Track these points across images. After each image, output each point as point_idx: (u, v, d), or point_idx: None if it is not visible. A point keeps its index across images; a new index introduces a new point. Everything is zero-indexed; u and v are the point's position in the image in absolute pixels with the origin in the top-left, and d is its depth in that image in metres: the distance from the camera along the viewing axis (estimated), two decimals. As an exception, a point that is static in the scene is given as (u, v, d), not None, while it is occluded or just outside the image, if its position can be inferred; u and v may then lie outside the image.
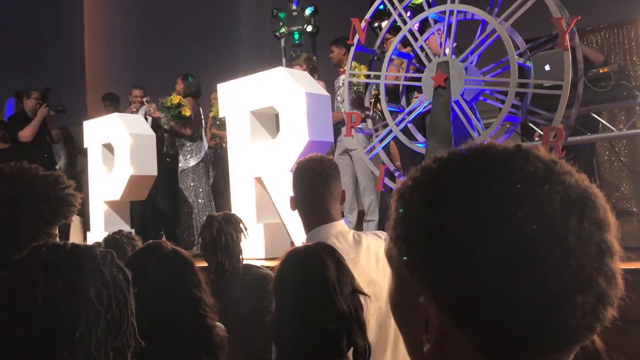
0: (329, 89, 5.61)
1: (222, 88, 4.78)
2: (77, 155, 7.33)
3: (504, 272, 0.56)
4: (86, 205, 5.94)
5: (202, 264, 3.03)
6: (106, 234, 5.51)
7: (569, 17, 3.10)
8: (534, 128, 4.69)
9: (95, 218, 5.81)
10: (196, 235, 6.18)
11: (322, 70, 6.55)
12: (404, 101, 4.00)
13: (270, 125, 4.64)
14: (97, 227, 5.77)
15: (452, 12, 3.40)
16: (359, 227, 5.68)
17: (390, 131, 3.70)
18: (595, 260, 0.58)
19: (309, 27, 7.57)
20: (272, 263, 4.19)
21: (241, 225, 2.93)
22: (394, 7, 3.72)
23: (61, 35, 11.10)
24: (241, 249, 2.91)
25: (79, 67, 11.11)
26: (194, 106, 6.33)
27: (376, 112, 4.97)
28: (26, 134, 6.21)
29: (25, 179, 1.52)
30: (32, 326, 1.03)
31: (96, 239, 5.54)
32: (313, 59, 6.21)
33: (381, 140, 3.78)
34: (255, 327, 1.95)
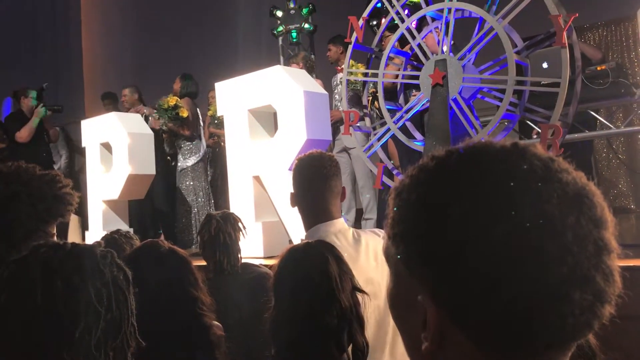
0: (327, 87, 5.61)
1: (220, 87, 4.77)
2: (75, 155, 7.32)
3: (502, 270, 0.57)
4: (84, 205, 5.94)
5: (200, 262, 3.04)
6: (104, 233, 5.50)
7: (567, 15, 3.10)
8: (532, 126, 4.70)
9: (94, 217, 5.80)
10: (195, 234, 6.18)
11: (320, 68, 6.56)
12: (401, 99, 4.00)
13: (269, 124, 4.64)
14: (95, 227, 5.77)
15: (449, 10, 3.40)
16: (357, 225, 5.68)
17: (389, 129, 3.71)
18: (593, 257, 0.58)
19: (306, 26, 7.57)
20: (270, 261, 4.17)
21: (240, 224, 2.93)
22: (392, 5, 3.72)
23: (58, 33, 11.07)
24: (240, 248, 2.90)
25: (76, 65, 11.09)
26: (191, 106, 6.32)
27: (374, 110, 4.97)
28: (23, 134, 6.21)
29: (22, 178, 1.53)
30: (31, 326, 1.03)
31: (94, 239, 5.54)
32: (311, 58, 6.21)
33: (379, 139, 3.79)
34: (253, 326, 1.96)
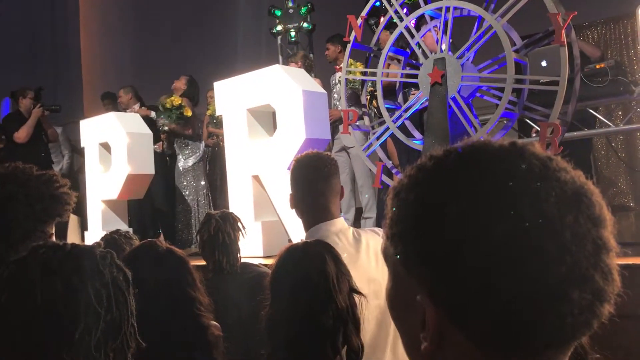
0: (325, 86, 5.61)
1: (219, 86, 4.77)
2: (74, 155, 7.32)
3: (500, 269, 0.57)
4: (83, 205, 5.94)
5: (200, 262, 3.04)
6: (104, 233, 5.51)
7: (565, 13, 3.10)
8: (531, 124, 4.70)
9: (93, 217, 5.80)
10: (195, 234, 6.19)
11: (318, 67, 6.56)
12: (400, 98, 4.00)
13: (268, 123, 4.64)
14: (94, 227, 5.77)
15: (448, 9, 3.40)
16: (356, 224, 5.68)
17: (387, 128, 3.71)
18: (592, 256, 0.58)
19: (305, 25, 7.57)
20: (270, 261, 4.17)
21: (239, 224, 2.93)
22: (390, 4, 3.72)
23: (57, 33, 11.06)
24: (239, 248, 2.90)
25: (75, 65, 11.08)
26: (191, 106, 6.35)
27: (372, 110, 4.97)
28: (22, 135, 6.20)
29: (19, 178, 1.53)
30: (31, 327, 1.03)
31: (94, 239, 5.54)
32: (309, 57, 6.21)
33: (378, 138, 3.79)
34: (253, 326, 1.96)
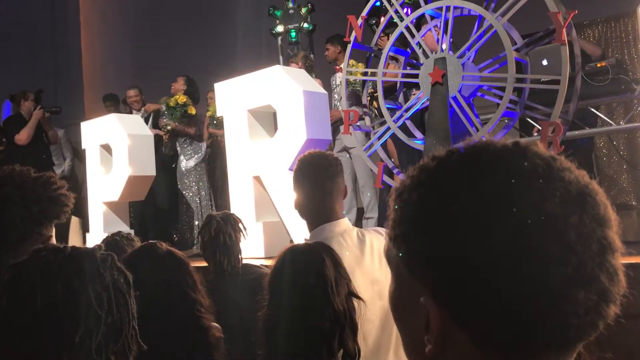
0: (326, 86, 5.61)
1: (220, 87, 4.77)
2: (75, 157, 7.33)
3: (504, 270, 0.56)
4: (85, 206, 5.94)
5: (202, 263, 3.04)
6: (105, 234, 5.52)
7: (566, 12, 3.09)
8: (533, 123, 4.69)
9: (94, 219, 5.80)
10: (197, 235, 6.20)
11: (319, 68, 6.55)
12: (401, 98, 4.00)
13: (268, 124, 4.63)
14: (96, 228, 5.77)
15: (448, 8, 3.39)
16: (358, 224, 5.67)
17: (388, 128, 3.70)
18: (597, 256, 0.58)
19: (305, 25, 7.57)
20: (271, 262, 4.17)
21: (240, 225, 2.93)
22: (391, 4, 3.71)
23: (57, 35, 11.06)
24: (240, 249, 2.90)
25: (76, 67, 11.08)
26: (193, 105, 6.38)
27: (373, 110, 4.96)
28: (23, 137, 6.20)
29: (16, 180, 1.53)
30: (31, 330, 1.02)
31: (95, 240, 5.55)
32: (310, 57, 6.21)
33: (379, 138, 3.78)
34: (254, 327, 1.95)
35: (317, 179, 2.11)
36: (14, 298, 1.05)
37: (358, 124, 4.16)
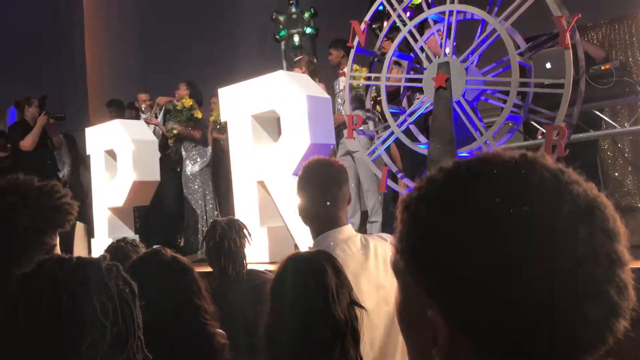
0: (329, 90, 5.61)
1: (223, 92, 4.77)
2: (80, 163, 7.34)
3: (514, 284, 0.56)
4: (90, 212, 5.96)
5: (207, 268, 3.04)
6: (110, 240, 5.55)
7: (569, 15, 3.09)
8: (537, 126, 4.68)
9: (99, 225, 5.81)
10: (201, 239, 6.21)
11: (322, 72, 6.55)
12: (405, 102, 3.99)
13: (272, 129, 4.63)
14: (101, 234, 5.78)
15: (451, 13, 3.39)
16: (362, 228, 5.67)
17: (392, 133, 3.70)
18: (606, 271, 0.57)
19: (308, 30, 7.57)
20: (275, 267, 4.17)
21: (245, 231, 2.93)
22: (394, 9, 3.72)
23: (62, 42, 11.10)
24: (245, 254, 2.90)
25: (80, 73, 11.13)
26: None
27: (376, 114, 4.96)
28: (27, 143, 6.22)
29: (19, 189, 1.53)
30: (37, 340, 1.02)
31: (100, 245, 5.56)
32: (314, 62, 6.20)
33: (383, 142, 3.78)
34: (258, 333, 1.95)
35: (322, 186, 2.09)
36: (20, 309, 1.05)
37: (361, 128, 4.16)
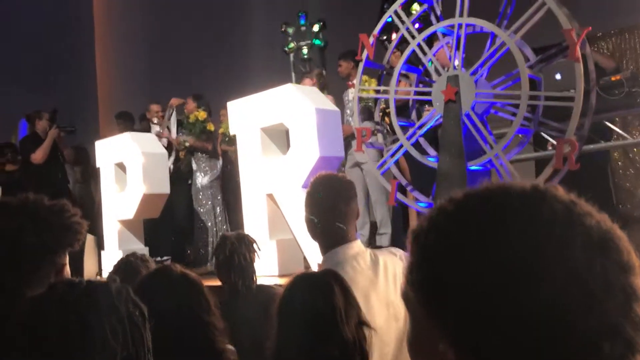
0: (338, 102, 5.62)
1: (232, 106, 4.79)
2: (91, 175, 7.38)
3: (525, 318, 0.55)
4: (99, 224, 5.98)
5: (216, 282, 3.04)
6: (120, 252, 5.57)
7: (579, 28, 3.07)
8: (547, 138, 4.66)
9: (109, 237, 5.84)
10: (211, 251, 6.22)
11: (330, 83, 6.56)
12: (414, 115, 3.99)
13: (281, 141, 4.64)
14: (111, 246, 5.80)
15: (460, 26, 3.39)
16: (371, 239, 5.65)
17: (401, 146, 3.69)
18: (622, 305, 0.56)
19: (317, 42, 7.61)
20: (285, 280, 4.17)
21: (254, 245, 2.93)
22: (402, 21, 3.72)
23: (73, 55, 11.22)
24: (254, 269, 2.90)
25: (91, 86, 11.23)
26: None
27: (385, 126, 4.95)
28: (38, 156, 6.27)
29: (29, 209, 1.53)
30: (47, 364, 1.02)
31: (110, 258, 5.59)
32: (324, 76, 6.23)
33: (392, 155, 3.77)
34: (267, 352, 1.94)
35: (330, 202, 2.10)
36: (30, 332, 1.05)
37: (370, 141, 4.16)
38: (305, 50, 7.65)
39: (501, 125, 4.62)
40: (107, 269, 5.57)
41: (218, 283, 3.01)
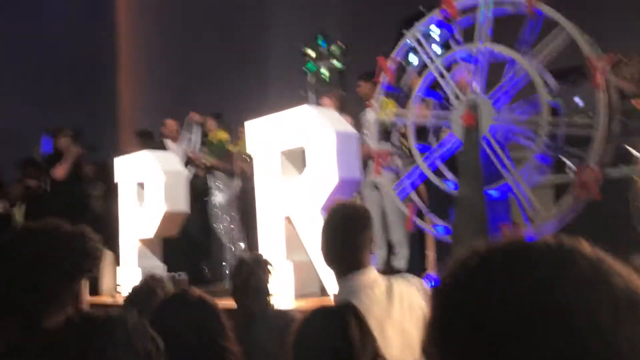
0: (356, 122, 5.62)
1: (250, 125, 4.80)
2: (111, 191, 7.44)
3: None
4: (117, 241, 6.00)
5: (231, 302, 3.03)
6: (139, 269, 5.59)
7: (601, 55, 3.05)
8: (565, 161, 4.60)
9: (127, 254, 5.85)
10: (227, 269, 6.22)
11: (348, 103, 6.57)
12: (431, 138, 3.97)
13: (298, 161, 4.62)
14: (129, 263, 5.81)
15: (480, 51, 3.38)
16: (387, 261, 5.60)
17: (419, 169, 3.67)
18: None
19: (336, 64, 7.63)
20: (301, 302, 4.16)
21: (270, 267, 2.92)
22: (421, 45, 3.72)
23: (95, 73, 11.40)
24: (271, 293, 2.89)
25: (113, 103, 11.38)
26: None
27: (402, 149, 4.92)
28: (59, 172, 6.35)
29: (50, 235, 1.55)
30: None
31: (128, 275, 5.61)
32: (343, 98, 6.25)
33: (410, 178, 3.75)
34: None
35: (348, 231, 2.12)
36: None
37: (388, 163, 4.15)
38: (324, 72, 7.69)
39: (518, 147, 4.58)
40: (124, 285, 5.59)
41: (233, 304, 3.01)
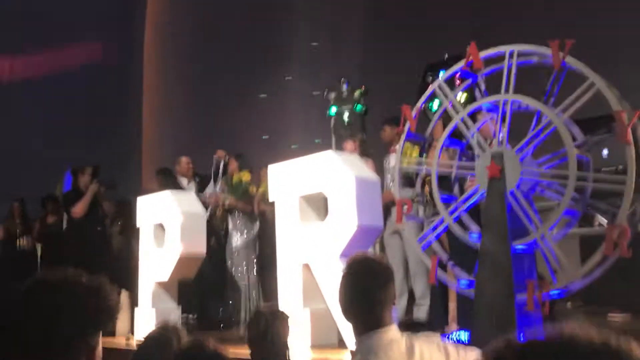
0: (378, 166, 5.59)
1: (272, 170, 4.80)
2: (132, 230, 7.46)
3: None
4: (135, 281, 5.99)
5: (245, 347, 2.97)
6: (153, 310, 5.57)
7: (630, 110, 2.99)
8: (595, 215, 4.49)
9: (144, 295, 5.84)
10: (243, 314, 6.16)
11: (370, 146, 6.56)
12: (456, 189, 3.90)
13: (319, 208, 4.60)
14: (145, 304, 5.81)
15: (506, 102, 3.35)
16: (408, 309, 5.49)
17: (443, 221, 3.60)
18: None
19: (358, 107, 7.65)
20: (317, 353, 4.06)
21: (288, 321, 2.87)
22: (446, 95, 3.70)
23: (122, 113, 11.63)
24: (288, 346, 2.83)
25: (137, 143, 11.57)
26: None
27: (425, 197, 4.86)
28: (78, 210, 6.41)
29: (68, 288, 1.52)
30: None
31: (143, 316, 5.58)
32: (366, 142, 6.24)
33: (434, 230, 3.67)
34: None
35: (368, 287, 2.08)
36: None
37: (411, 212, 4.09)
38: (346, 116, 7.70)
39: (545, 199, 4.49)
40: (140, 326, 5.56)
41: (247, 353, 2.95)
